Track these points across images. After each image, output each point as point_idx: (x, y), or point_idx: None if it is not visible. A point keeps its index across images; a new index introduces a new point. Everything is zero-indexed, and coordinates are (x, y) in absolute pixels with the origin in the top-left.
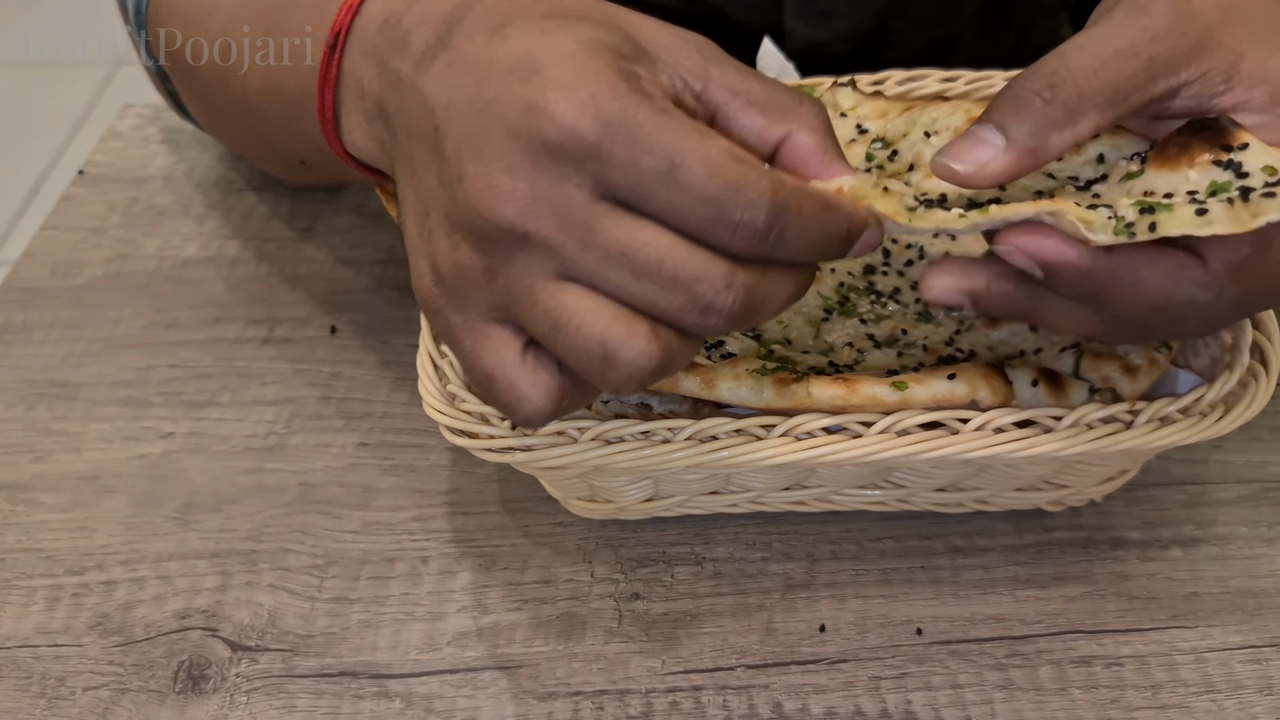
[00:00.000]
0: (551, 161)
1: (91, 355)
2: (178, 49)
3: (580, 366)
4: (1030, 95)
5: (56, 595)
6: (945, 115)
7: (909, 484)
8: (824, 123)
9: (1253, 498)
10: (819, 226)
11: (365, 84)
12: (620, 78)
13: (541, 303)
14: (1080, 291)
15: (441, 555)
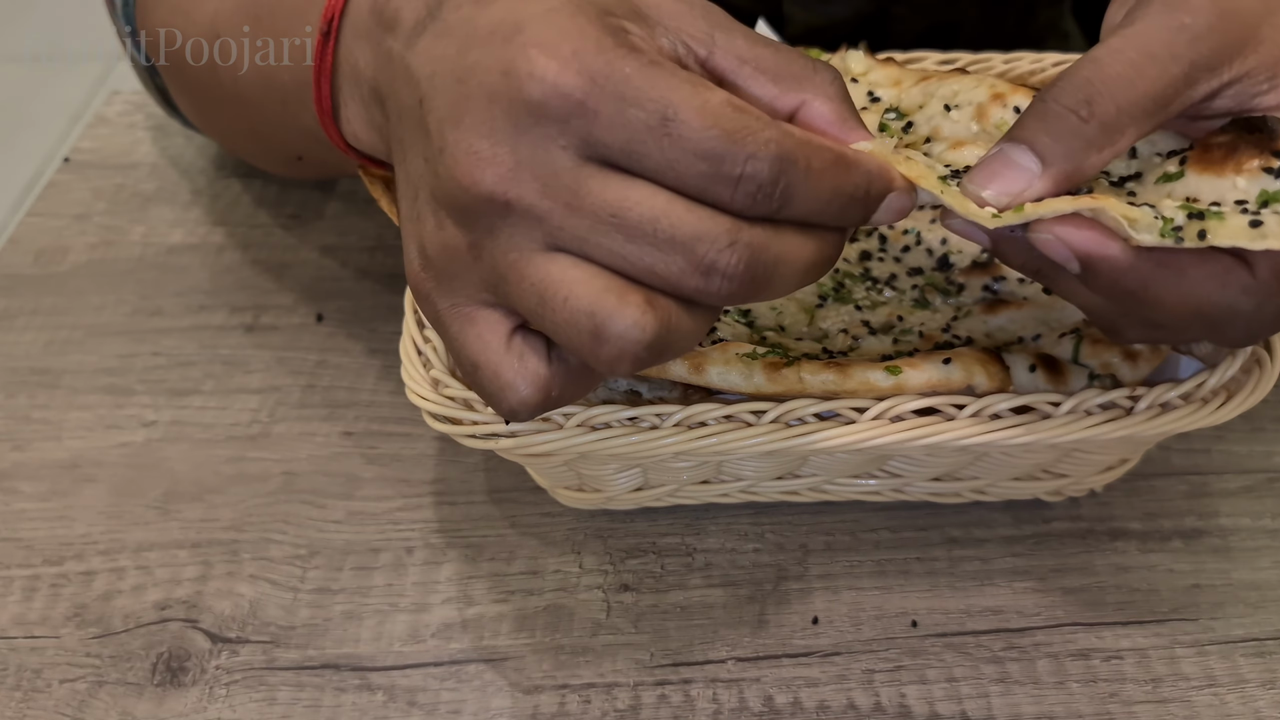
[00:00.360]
0: (534, 123)
1: (74, 343)
2: (165, 43)
3: (570, 343)
4: (1065, 112)
5: (34, 586)
6: (968, 89)
7: (904, 473)
8: (841, 90)
9: (1256, 488)
10: (832, 182)
11: (360, 68)
12: (606, 33)
13: (528, 276)
14: (1118, 289)
15: (427, 545)
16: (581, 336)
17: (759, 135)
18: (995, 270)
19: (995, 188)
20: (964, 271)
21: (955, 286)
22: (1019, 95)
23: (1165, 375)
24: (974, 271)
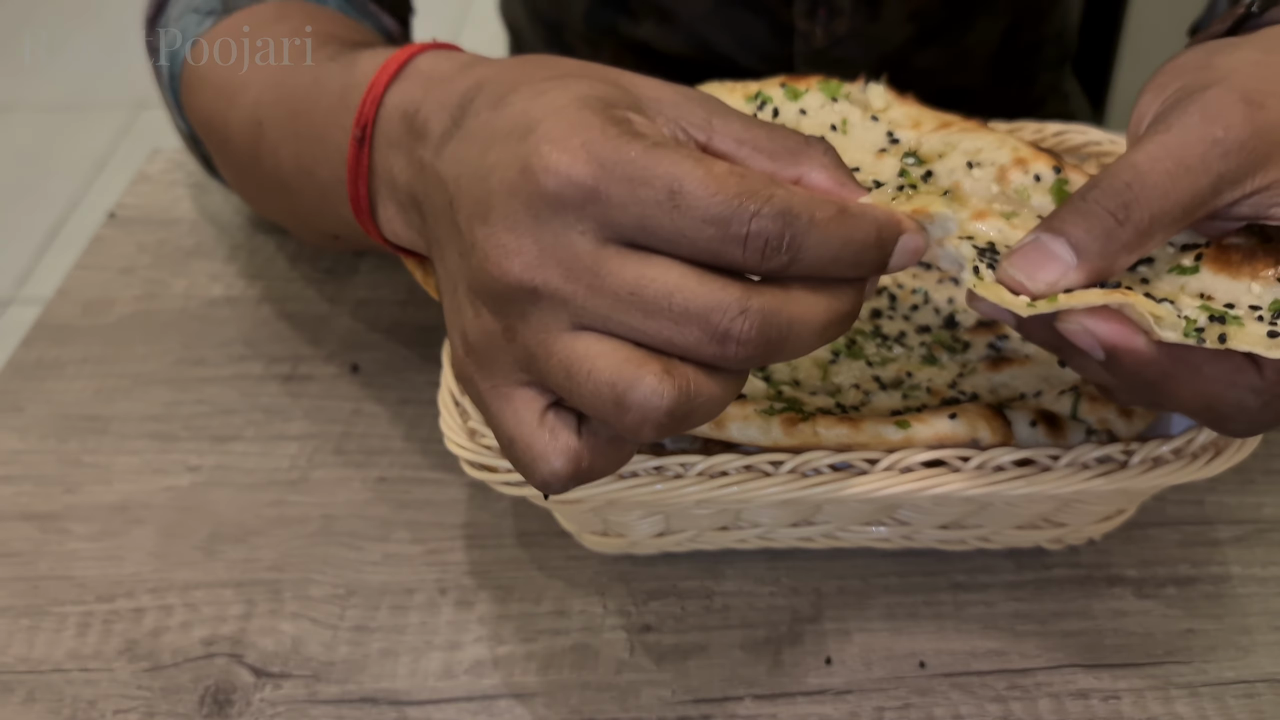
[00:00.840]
0: (552, 213)
1: (121, 391)
2: (209, 120)
3: (596, 413)
4: (1104, 214)
5: (87, 621)
6: (991, 148)
7: (913, 521)
8: (835, 159)
9: (1246, 538)
10: (841, 232)
11: (396, 175)
12: (611, 122)
13: (556, 353)
14: (1138, 379)
15: (459, 586)
16: (606, 406)
17: (762, 194)
18: (999, 329)
19: (1035, 276)
20: (969, 330)
21: (961, 344)
22: (1040, 163)
23: (1158, 431)
24: (979, 330)
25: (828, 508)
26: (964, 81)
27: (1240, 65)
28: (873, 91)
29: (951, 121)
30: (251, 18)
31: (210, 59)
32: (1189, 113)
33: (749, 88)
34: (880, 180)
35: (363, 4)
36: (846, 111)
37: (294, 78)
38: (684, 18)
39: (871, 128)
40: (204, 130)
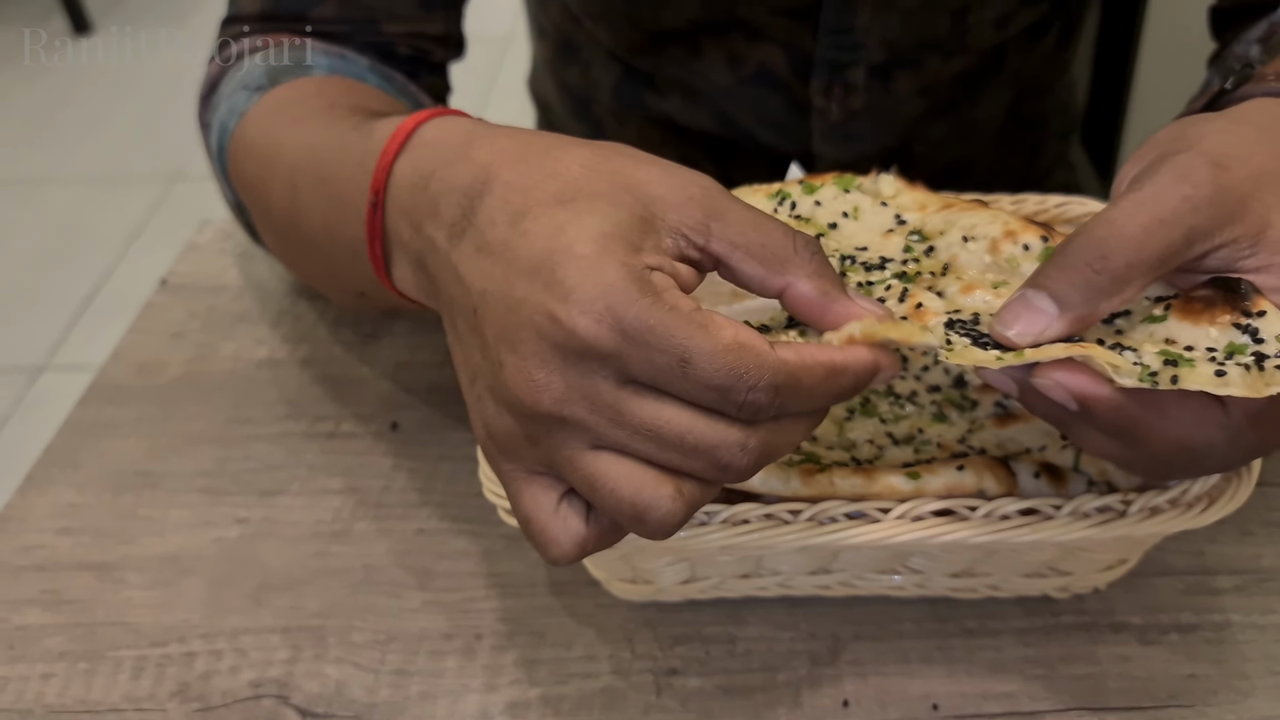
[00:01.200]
0: (579, 359)
1: (173, 448)
2: (253, 187)
3: (616, 520)
4: (1082, 265)
5: (141, 665)
6: (984, 223)
7: (925, 569)
8: (819, 266)
9: (1246, 587)
10: (824, 390)
11: (406, 240)
12: (631, 280)
13: (579, 469)
14: (1113, 425)
15: (494, 633)
16: (625, 519)
17: (756, 372)
18: None
19: (1018, 328)
20: (978, 389)
21: (970, 402)
22: (1028, 234)
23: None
24: (986, 389)
25: (844, 555)
26: (972, 152)
27: (1209, 132)
28: (883, 181)
29: (954, 202)
30: (293, 90)
31: (253, 132)
32: (1161, 172)
33: (771, 188)
34: (887, 256)
35: (403, 85)
36: (858, 200)
37: (323, 145)
38: (707, 94)
39: (880, 212)
40: (248, 197)
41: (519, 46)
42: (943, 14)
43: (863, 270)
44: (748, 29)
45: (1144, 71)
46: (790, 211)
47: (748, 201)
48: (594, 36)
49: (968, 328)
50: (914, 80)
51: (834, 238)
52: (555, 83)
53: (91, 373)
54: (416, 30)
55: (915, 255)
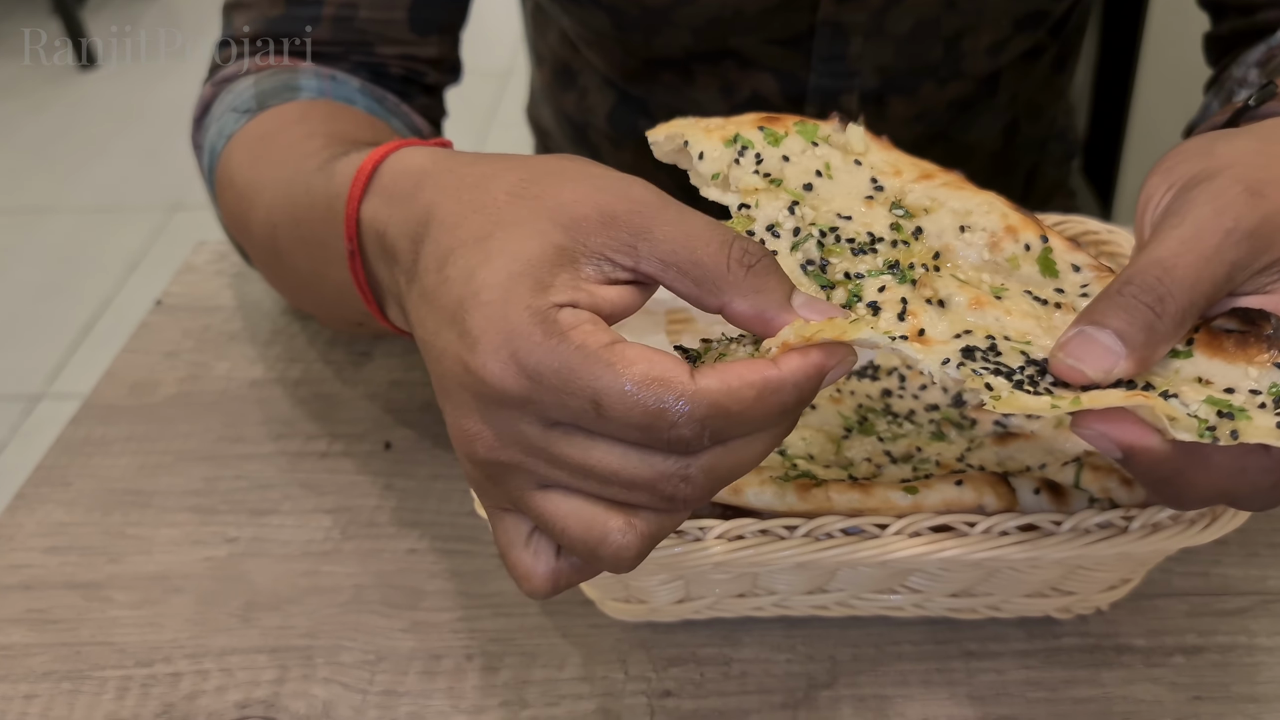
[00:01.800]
0: (499, 407)
1: (164, 466)
2: (235, 221)
3: (575, 555)
4: (1142, 307)
5: (126, 685)
6: (980, 212)
7: (925, 588)
8: (756, 282)
9: (1251, 609)
10: (762, 410)
11: (385, 283)
12: (536, 323)
13: (531, 508)
14: (1154, 475)
15: (484, 653)
16: (582, 554)
17: (674, 408)
18: None
19: (1090, 363)
20: (976, 408)
21: (968, 421)
22: (1029, 232)
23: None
24: (985, 408)
25: (842, 573)
26: (969, 176)
27: (1241, 154)
28: (852, 133)
29: (932, 173)
30: (276, 118)
31: (234, 161)
32: (1199, 205)
33: (726, 129)
34: (875, 233)
35: (395, 105)
36: (828, 155)
37: (294, 186)
38: None
39: (855, 171)
40: (233, 229)
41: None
42: (936, 41)
43: (849, 254)
44: (740, 58)
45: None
46: (756, 165)
47: (703, 143)
48: (590, 63)
49: (989, 360)
50: (908, 106)
51: (810, 202)
52: (553, 109)
53: None
54: (410, 53)
55: (904, 236)
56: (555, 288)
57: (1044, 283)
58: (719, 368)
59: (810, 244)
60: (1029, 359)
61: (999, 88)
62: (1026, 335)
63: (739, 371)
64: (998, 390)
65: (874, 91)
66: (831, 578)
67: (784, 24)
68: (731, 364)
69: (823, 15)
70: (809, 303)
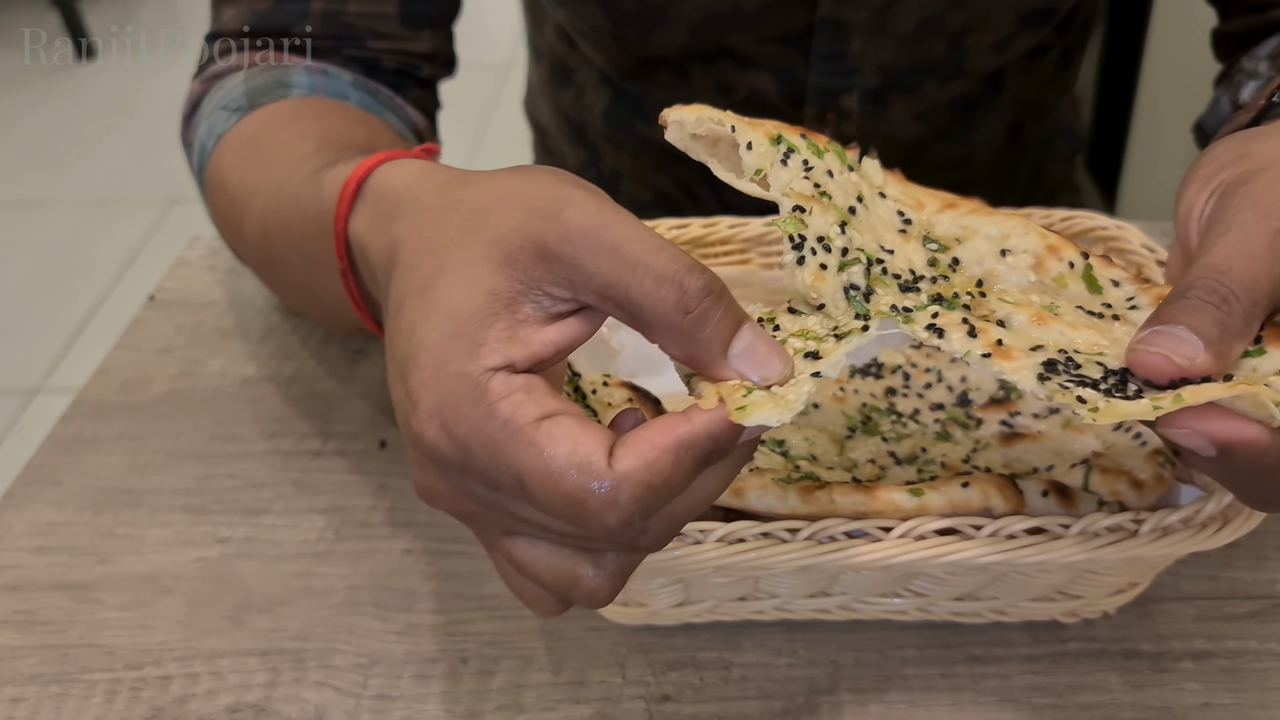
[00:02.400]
0: (445, 466)
1: (155, 465)
2: (227, 225)
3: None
4: (1210, 306)
5: (115, 689)
6: (1018, 235)
7: (929, 592)
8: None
9: (1262, 613)
10: (682, 474)
11: (376, 300)
12: (465, 394)
13: (501, 552)
14: (1255, 467)
15: (480, 657)
16: (558, 597)
17: (595, 498)
18: (1011, 406)
19: (1171, 349)
20: (982, 407)
21: (974, 421)
22: (1070, 250)
23: (1170, 503)
24: (991, 407)
25: (845, 577)
26: (971, 175)
27: (1276, 153)
28: (869, 166)
29: (955, 202)
30: (269, 116)
31: (225, 163)
32: (1243, 210)
33: (766, 126)
34: (915, 269)
35: (389, 99)
36: (860, 185)
37: (286, 193)
38: None
39: (883, 204)
40: (225, 231)
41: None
42: (939, 39)
43: (896, 290)
44: (737, 56)
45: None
46: (804, 171)
47: (749, 133)
48: (587, 59)
49: (1071, 373)
50: (910, 105)
51: (856, 227)
52: (550, 106)
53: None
54: (402, 48)
55: (942, 271)
56: (488, 346)
57: (1091, 299)
58: (635, 439)
59: (858, 269)
60: (1107, 369)
61: (1003, 86)
62: (1095, 346)
63: (652, 439)
64: (1093, 402)
65: (875, 90)
66: (834, 581)
67: (782, 21)
68: (645, 431)
69: (822, 13)
70: (747, 352)
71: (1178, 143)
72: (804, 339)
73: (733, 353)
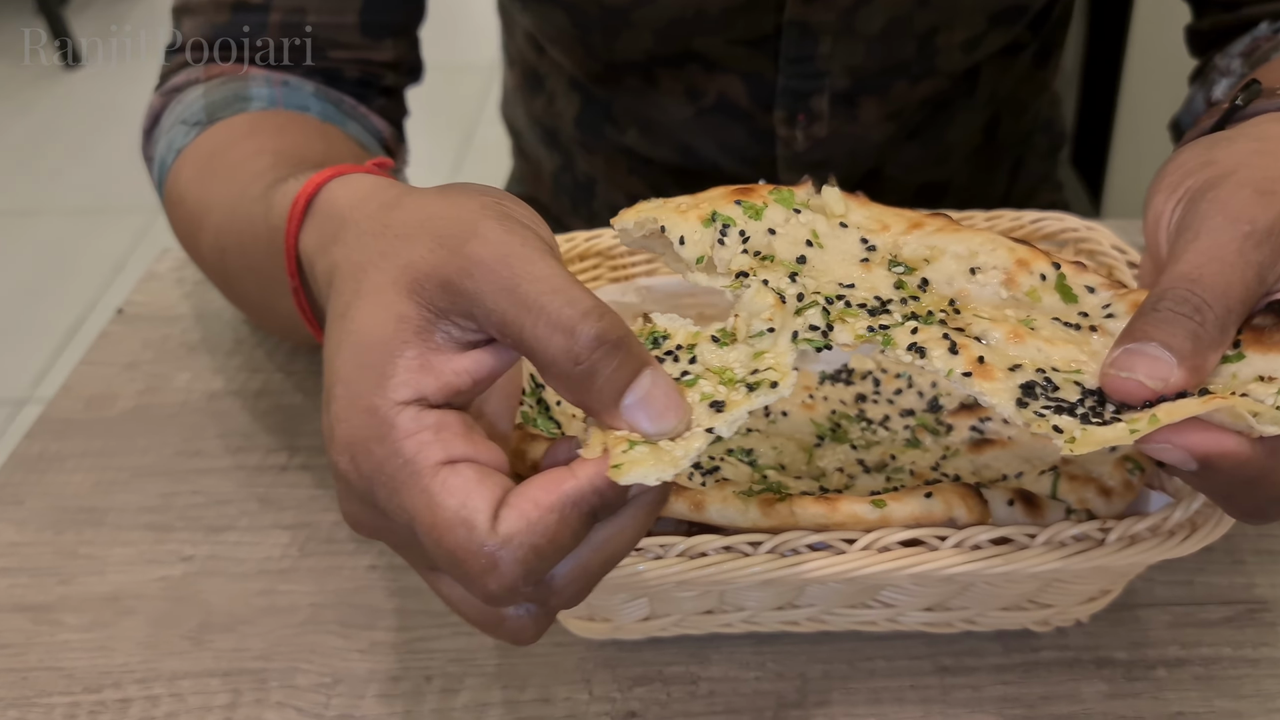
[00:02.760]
0: (359, 495)
1: (120, 483)
2: (184, 240)
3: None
4: (1182, 318)
5: (73, 713)
6: (986, 251)
7: (897, 603)
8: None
9: (1237, 619)
10: (568, 532)
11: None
12: (372, 429)
13: (430, 584)
14: (1237, 479)
15: (444, 674)
16: (488, 631)
17: (476, 561)
18: (981, 412)
19: (1144, 371)
20: (952, 413)
21: (944, 427)
22: (1040, 262)
23: (1138, 510)
24: (961, 413)
25: (811, 589)
26: (947, 174)
27: (1242, 157)
28: (828, 195)
29: (921, 221)
30: (227, 131)
31: (183, 178)
32: (1211, 216)
33: (701, 207)
34: (882, 297)
35: (351, 108)
36: (813, 222)
37: (239, 210)
38: (665, 126)
39: (843, 235)
40: (185, 246)
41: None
42: (908, 39)
43: (866, 315)
44: (705, 60)
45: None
46: (742, 244)
47: (680, 226)
48: (557, 65)
49: (1048, 396)
50: (881, 106)
51: (808, 274)
52: (524, 111)
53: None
54: (363, 57)
55: (911, 292)
56: (397, 378)
57: (1067, 310)
58: (519, 498)
59: (814, 311)
60: (1085, 389)
61: (977, 84)
62: (1072, 363)
63: (536, 497)
64: (1069, 431)
65: (844, 92)
66: (800, 594)
67: (748, 25)
68: (529, 488)
69: (789, 15)
70: (642, 402)
71: (1163, 138)
72: (716, 382)
73: (626, 403)
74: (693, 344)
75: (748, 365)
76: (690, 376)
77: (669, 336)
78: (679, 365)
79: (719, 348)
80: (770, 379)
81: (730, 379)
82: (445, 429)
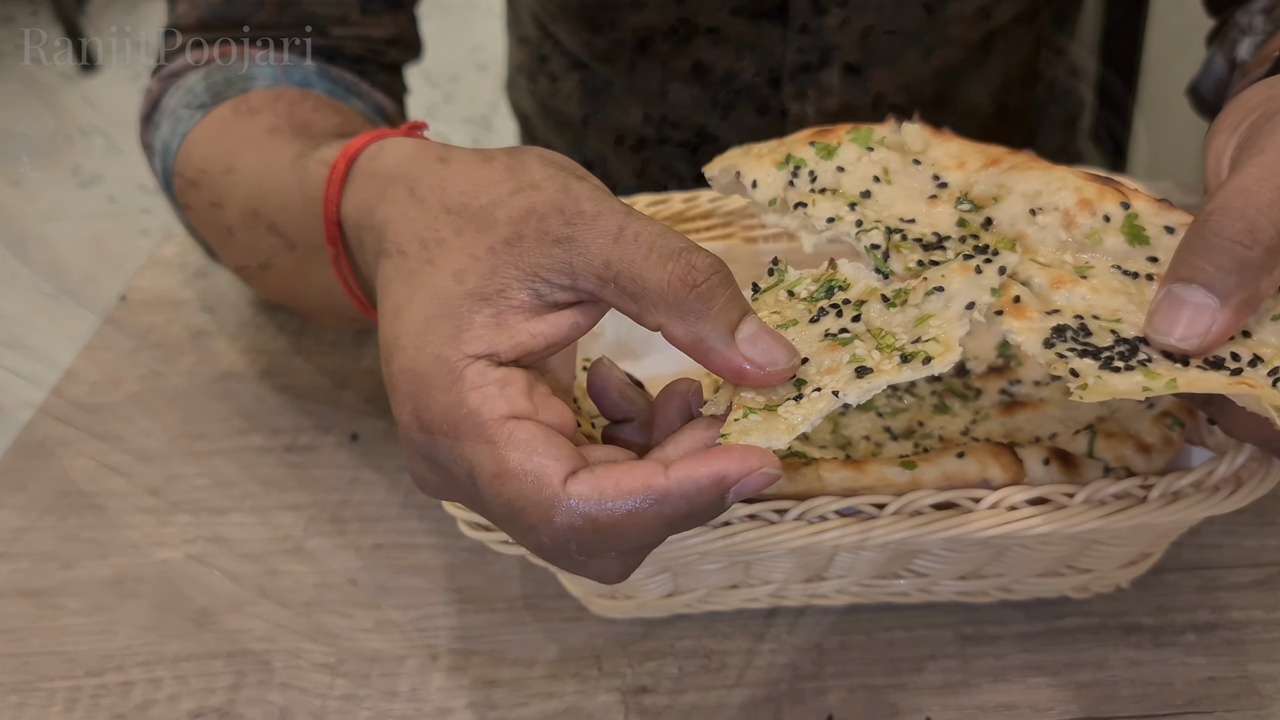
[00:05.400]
0: (423, 452)
1: (123, 466)
2: (208, 224)
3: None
4: (1229, 244)
5: (75, 697)
6: (1051, 190)
7: (931, 571)
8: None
9: (1268, 581)
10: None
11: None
12: (438, 378)
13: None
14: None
15: (451, 652)
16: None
17: (535, 509)
18: (1012, 374)
19: (1181, 330)
20: (981, 377)
21: (973, 391)
22: (1107, 201)
23: (1179, 466)
24: (990, 376)
25: (842, 559)
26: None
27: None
28: (908, 132)
29: (999, 157)
30: (235, 109)
31: (195, 161)
32: (1275, 134)
33: (777, 152)
34: (940, 233)
35: (353, 84)
36: (886, 159)
37: (267, 183)
38: (672, 104)
39: (915, 172)
40: (205, 231)
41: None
42: (918, 8)
43: (920, 249)
44: (711, 35)
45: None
46: (811, 184)
47: (754, 170)
48: (560, 45)
49: (1079, 340)
50: (892, 78)
51: (869, 208)
52: (529, 93)
53: None
54: (363, 34)
55: (973, 230)
56: (472, 331)
57: (1133, 253)
58: (602, 470)
59: (876, 232)
60: (1119, 337)
61: (991, 52)
62: (1116, 313)
63: (618, 478)
64: (1084, 376)
65: (854, 64)
66: (830, 564)
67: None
68: (613, 469)
69: None
70: (755, 336)
71: (1184, 106)
72: (872, 345)
73: (741, 335)
74: (863, 300)
75: (911, 332)
76: (848, 335)
77: (846, 287)
78: (841, 320)
79: (887, 308)
80: (927, 353)
81: (888, 345)
82: (511, 384)
